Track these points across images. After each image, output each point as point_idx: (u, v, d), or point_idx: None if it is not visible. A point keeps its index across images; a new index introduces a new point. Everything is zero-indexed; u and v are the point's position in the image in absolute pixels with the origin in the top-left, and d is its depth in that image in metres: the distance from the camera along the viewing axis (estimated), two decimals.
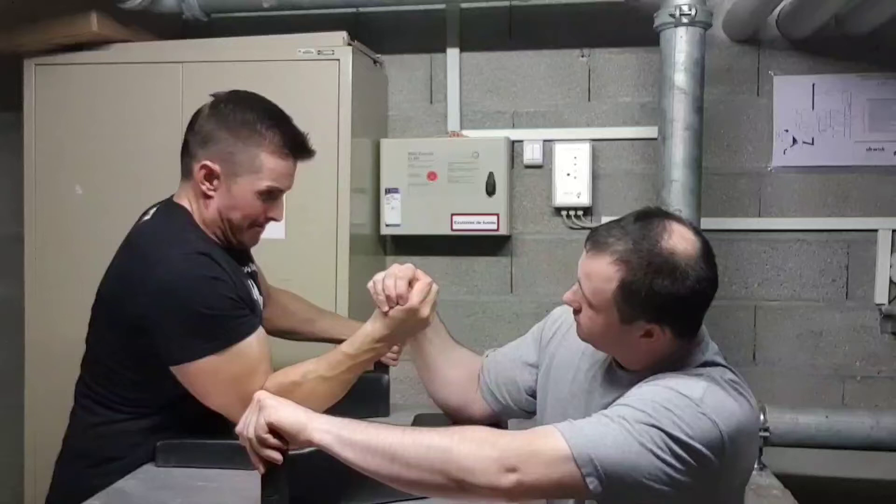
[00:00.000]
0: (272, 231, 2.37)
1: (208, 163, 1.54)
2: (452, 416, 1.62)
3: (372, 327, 1.48)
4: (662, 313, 1.20)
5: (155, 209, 1.64)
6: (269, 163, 1.56)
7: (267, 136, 1.56)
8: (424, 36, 2.81)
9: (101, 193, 2.50)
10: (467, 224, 2.67)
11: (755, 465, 2.30)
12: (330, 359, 1.51)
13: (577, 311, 1.29)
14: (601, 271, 1.21)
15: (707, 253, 1.22)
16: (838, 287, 2.64)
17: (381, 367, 1.84)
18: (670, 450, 1.10)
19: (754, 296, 2.68)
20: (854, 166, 2.62)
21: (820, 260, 2.65)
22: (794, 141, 2.64)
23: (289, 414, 1.15)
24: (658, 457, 1.09)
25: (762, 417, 2.26)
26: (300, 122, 2.35)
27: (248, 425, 1.16)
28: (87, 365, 1.64)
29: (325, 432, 1.14)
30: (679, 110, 2.28)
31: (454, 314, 2.81)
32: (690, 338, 1.26)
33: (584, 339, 1.32)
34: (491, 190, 2.64)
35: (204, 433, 1.55)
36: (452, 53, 2.79)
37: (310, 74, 2.42)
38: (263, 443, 1.15)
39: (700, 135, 2.31)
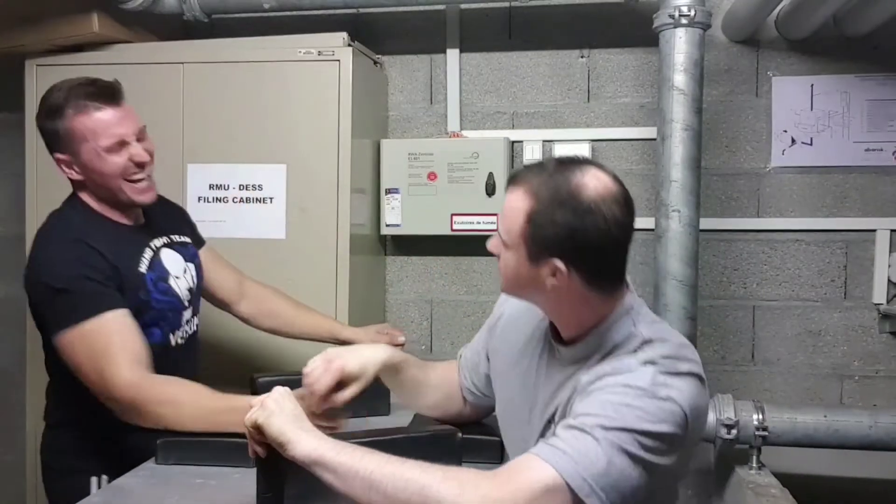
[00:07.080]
0: (272, 231, 2.43)
1: (58, 155, 1.65)
2: (445, 421, 1.62)
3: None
4: (564, 249, 1.15)
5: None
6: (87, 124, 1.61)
7: (70, 105, 1.61)
8: (424, 37, 2.82)
9: None
10: (467, 224, 2.67)
11: (755, 465, 2.32)
12: (221, 396, 1.51)
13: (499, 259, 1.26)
14: (513, 204, 1.19)
15: (623, 198, 1.17)
16: (836, 287, 2.65)
17: None
18: (643, 445, 1.08)
19: (753, 295, 2.68)
20: (852, 166, 2.62)
21: (818, 260, 2.66)
22: (793, 141, 2.64)
23: (276, 425, 1.15)
24: (637, 456, 1.08)
25: (760, 416, 2.27)
26: (301, 123, 2.41)
27: (251, 412, 1.19)
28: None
29: (306, 453, 1.12)
30: (678, 111, 2.28)
31: (454, 314, 2.83)
32: (604, 288, 1.20)
33: (504, 290, 1.28)
34: (491, 190, 2.64)
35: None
36: (452, 54, 2.79)
37: (310, 75, 2.42)
38: (251, 436, 1.20)
39: (699, 135, 2.31)
